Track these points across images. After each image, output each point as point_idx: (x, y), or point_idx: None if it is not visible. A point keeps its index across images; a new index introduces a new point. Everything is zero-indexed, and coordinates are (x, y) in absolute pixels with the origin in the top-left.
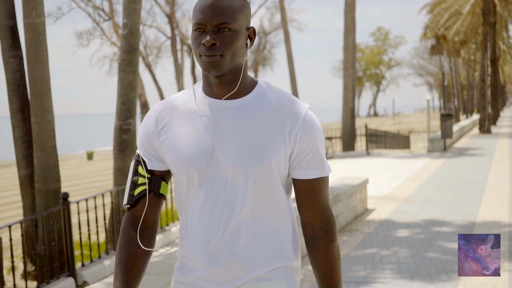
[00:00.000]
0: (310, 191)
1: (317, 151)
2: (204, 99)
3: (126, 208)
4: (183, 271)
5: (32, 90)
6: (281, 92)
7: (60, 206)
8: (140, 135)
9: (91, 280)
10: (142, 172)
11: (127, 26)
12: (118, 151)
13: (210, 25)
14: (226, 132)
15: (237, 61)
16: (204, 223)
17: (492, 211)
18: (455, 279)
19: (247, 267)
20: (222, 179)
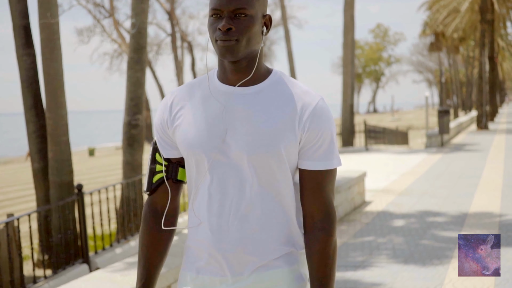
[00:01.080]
0: (314, 183)
1: (325, 142)
2: (218, 86)
3: (147, 194)
4: (192, 257)
5: (47, 87)
6: (295, 82)
7: (75, 197)
8: (156, 123)
9: (103, 266)
10: (160, 159)
11: (135, 26)
12: (127, 145)
13: (227, 10)
14: (238, 118)
15: (253, 47)
16: (213, 208)
17: (485, 203)
18: (446, 263)
19: (257, 253)
20: (232, 165)
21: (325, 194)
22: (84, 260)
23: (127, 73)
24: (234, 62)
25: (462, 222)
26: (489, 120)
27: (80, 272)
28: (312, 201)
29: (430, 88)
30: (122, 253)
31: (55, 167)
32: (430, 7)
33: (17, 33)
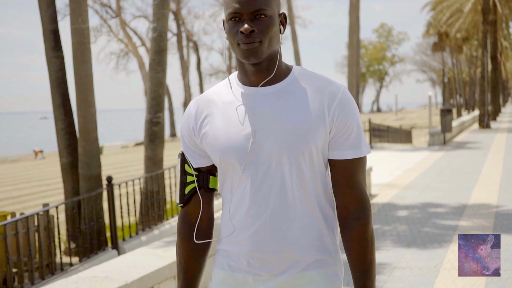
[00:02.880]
0: (346, 173)
1: (353, 131)
2: (240, 88)
3: (180, 206)
4: (226, 256)
5: (78, 87)
6: (316, 74)
7: (105, 188)
8: (182, 134)
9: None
10: (189, 170)
11: (156, 30)
12: (148, 142)
13: (246, 12)
14: (265, 117)
15: (274, 47)
16: (250, 210)
17: (483, 196)
18: (446, 247)
19: (294, 252)
20: (265, 164)
21: (358, 183)
22: (113, 246)
23: (148, 74)
24: (256, 63)
25: (461, 213)
26: (491, 119)
27: (110, 256)
28: (346, 191)
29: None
30: (147, 240)
31: (85, 161)
32: (434, 7)
33: (47, 36)
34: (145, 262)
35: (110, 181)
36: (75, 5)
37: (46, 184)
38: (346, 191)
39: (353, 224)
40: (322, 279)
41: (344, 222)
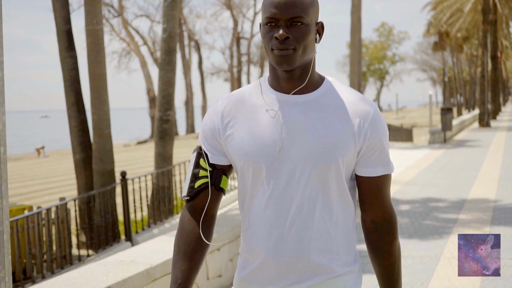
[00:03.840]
0: (375, 189)
1: (383, 149)
2: (271, 93)
3: (186, 200)
4: (246, 266)
5: (92, 85)
6: (348, 89)
7: (119, 183)
8: (204, 129)
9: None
10: (204, 165)
11: (166, 31)
12: (159, 139)
13: (283, 19)
14: (295, 126)
15: (308, 55)
16: (270, 217)
17: (482, 191)
18: (446, 238)
19: (314, 263)
20: (289, 173)
21: (386, 198)
22: (127, 238)
23: (159, 74)
24: (289, 70)
25: (461, 207)
26: (492, 118)
27: (124, 247)
28: (375, 206)
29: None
30: (159, 233)
31: (99, 157)
32: (434, 7)
33: (61, 37)
34: (166, 248)
35: (124, 176)
36: (90, 7)
37: (51, 182)
38: (374, 207)
39: (380, 238)
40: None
41: (371, 237)
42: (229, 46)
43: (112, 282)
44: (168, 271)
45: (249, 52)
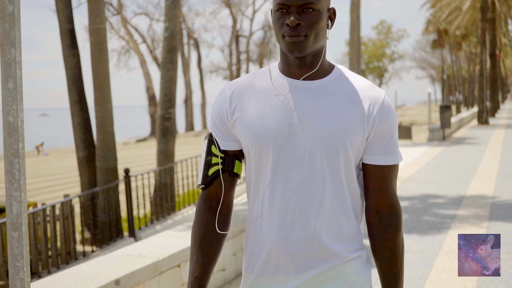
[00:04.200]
0: (381, 178)
1: (392, 137)
2: (281, 79)
3: (201, 188)
4: (253, 256)
5: (95, 84)
6: (358, 77)
7: (123, 179)
8: (213, 115)
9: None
10: (216, 151)
11: (168, 29)
12: (161, 136)
13: (294, 5)
14: (304, 111)
15: (319, 42)
16: (278, 204)
17: (480, 187)
18: (444, 233)
19: (321, 250)
20: (298, 158)
21: (391, 189)
22: (130, 234)
23: (161, 72)
24: (300, 57)
25: (459, 203)
26: (490, 116)
27: (128, 243)
28: (379, 196)
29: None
30: (161, 229)
31: (102, 154)
32: (433, 5)
33: (64, 36)
34: (172, 242)
35: (128, 173)
36: (93, 6)
37: (52, 179)
38: (379, 196)
39: (385, 230)
40: (350, 275)
41: (374, 227)
42: (228, 44)
43: (121, 275)
44: (175, 264)
45: (248, 50)
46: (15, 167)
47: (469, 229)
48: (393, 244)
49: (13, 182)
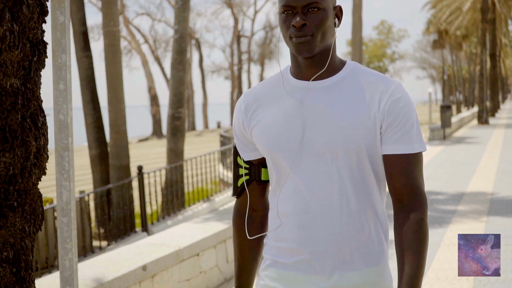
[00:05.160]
0: (399, 167)
1: (406, 126)
2: (292, 82)
3: (235, 197)
4: (274, 254)
5: (109, 84)
6: (370, 71)
7: (136, 176)
8: (234, 127)
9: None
10: (241, 162)
11: (178, 32)
12: (170, 135)
13: (299, 6)
14: (316, 112)
15: (327, 41)
16: (298, 206)
17: (480, 184)
18: (445, 227)
19: (345, 251)
20: (315, 160)
21: (413, 178)
22: (143, 229)
23: (170, 73)
24: (309, 57)
25: (459, 199)
26: (490, 116)
27: (141, 237)
28: (400, 185)
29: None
30: (173, 224)
31: (115, 152)
32: (434, 6)
33: (77, 38)
34: (191, 233)
35: (141, 170)
36: (107, 9)
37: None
38: (401, 185)
39: (408, 216)
40: (375, 278)
41: (398, 215)
42: (230, 44)
43: (147, 261)
44: (194, 253)
45: (249, 50)
46: (65, 159)
47: (469, 223)
48: (416, 230)
49: (63, 173)
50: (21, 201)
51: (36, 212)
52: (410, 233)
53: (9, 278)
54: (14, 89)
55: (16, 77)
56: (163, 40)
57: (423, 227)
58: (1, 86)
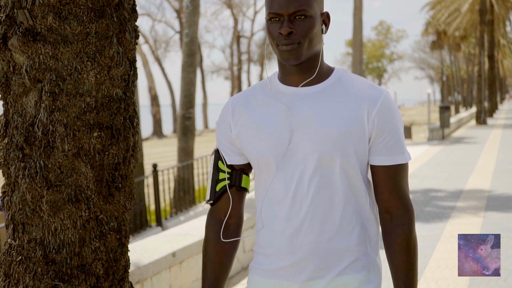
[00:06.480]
0: (388, 178)
1: (395, 136)
2: (280, 88)
3: (210, 203)
4: (261, 261)
5: None
6: (358, 78)
7: (151, 174)
8: (218, 130)
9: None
10: (223, 167)
11: (188, 35)
12: (181, 134)
13: (286, 13)
14: (303, 119)
15: (314, 48)
16: (283, 211)
17: (478, 182)
18: (445, 221)
19: (328, 258)
20: (301, 166)
21: (400, 189)
22: (158, 224)
23: (181, 75)
24: (297, 64)
25: (458, 196)
26: (488, 116)
27: (156, 232)
28: (388, 196)
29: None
30: (185, 219)
31: None
32: (433, 7)
33: None
34: None
35: (155, 168)
36: None
37: None
38: (389, 197)
39: (396, 230)
40: (359, 284)
41: (386, 228)
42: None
43: (176, 249)
44: None
45: (249, 50)
46: None
47: (467, 218)
48: (404, 243)
49: None
50: (123, 183)
51: (132, 192)
52: (400, 249)
53: (114, 243)
54: (118, 97)
55: (119, 88)
56: (163, 40)
57: (412, 241)
58: (110, 94)
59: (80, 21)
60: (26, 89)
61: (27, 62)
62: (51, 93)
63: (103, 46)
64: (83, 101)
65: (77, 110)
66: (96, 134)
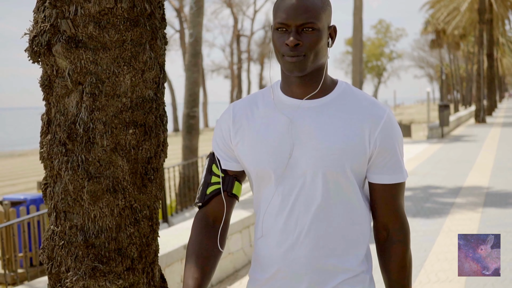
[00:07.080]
0: (387, 196)
1: (396, 155)
2: (283, 99)
3: (198, 206)
4: (258, 272)
5: None
6: (361, 94)
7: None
8: (216, 134)
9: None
10: (216, 171)
11: (193, 36)
12: (186, 133)
13: (294, 25)
14: (305, 132)
15: (320, 61)
16: (280, 224)
17: (476, 180)
18: (444, 217)
19: (328, 271)
20: (300, 180)
21: (398, 206)
22: (164, 220)
23: (186, 74)
24: (301, 76)
25: (457, 192)
26: (487, 115)
27: (162, 227)
28: (386, 213)
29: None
30: (190, 216)
31: None
32: (432, 6)
33: None
34: None
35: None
36: None
37: None
38: (387, 214)
39: (393, 247)
40: None
41: (382, 245)
42: (229, 44)
43: (187, 241)
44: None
45: (249, 49)
46: None
47: (466, 214)
48: (401, 260)
49: None
50: (155, 175)
51: (162, 183)
52: (397, 265)
53: (146, 229)
54: (150, 97)
55: (151, 89)
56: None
57: (408, 258)
58: (143, 95)
59: (117, 30)
60: (68, 91)
61: (69, 66)
62: (92, 94)
63: (138, 52)
64: (119, 102)
65: (114, 110)
66: (131, 131)
